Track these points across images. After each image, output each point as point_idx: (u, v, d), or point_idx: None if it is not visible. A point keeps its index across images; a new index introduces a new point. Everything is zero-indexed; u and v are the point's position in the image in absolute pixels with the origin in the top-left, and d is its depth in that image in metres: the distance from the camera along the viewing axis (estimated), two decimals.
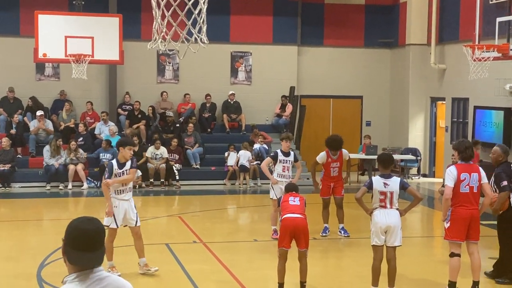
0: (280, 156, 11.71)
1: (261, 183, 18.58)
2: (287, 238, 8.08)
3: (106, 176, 9.17)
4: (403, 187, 8.27)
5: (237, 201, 17.41)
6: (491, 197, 8.62)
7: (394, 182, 8.21)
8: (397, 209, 8.23)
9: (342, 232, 12.12)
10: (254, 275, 9.50)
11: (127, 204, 9.27)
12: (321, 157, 12.05)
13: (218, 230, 13.13)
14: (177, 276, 9.38)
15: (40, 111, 18.86)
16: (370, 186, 8.21)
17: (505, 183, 8.86)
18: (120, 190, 9.18)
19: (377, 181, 8.21)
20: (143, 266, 9.39)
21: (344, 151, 12.20)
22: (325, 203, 12.15)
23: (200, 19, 7.33)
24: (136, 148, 9.38)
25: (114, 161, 9.28)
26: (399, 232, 8.23)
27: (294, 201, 8.31)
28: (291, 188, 8.69)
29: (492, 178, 9.04)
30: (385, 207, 8.19)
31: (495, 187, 8.97)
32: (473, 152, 8.60)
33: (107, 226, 9.03)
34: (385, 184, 8.17)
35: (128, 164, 9.23)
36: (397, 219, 8.20)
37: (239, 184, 18.65)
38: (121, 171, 9.18)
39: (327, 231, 12.12)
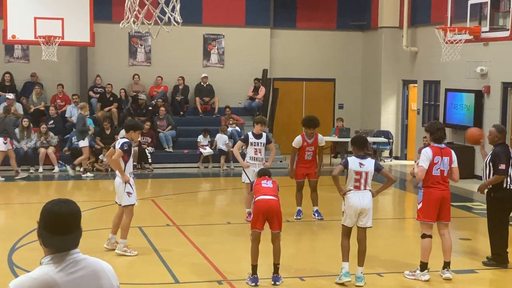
0: (251, 139, 11.60)
1: (234, 166, 18.57)
2: (260, 220, 8.08)
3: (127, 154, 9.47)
4: (377, 169, 8.33)
5: (210, 184, 17.37)
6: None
7: (369, 163, 8.26)
8: (369, 190, 8.29)
9: (316, 215, 12.14)
10: (228, 258, 9.51)
11: None
12: (297, 141, 11.94)
13: (191, 213, 13.11)
14: (150, 259, 9.36)
15: (10, 94, 18.58)
16: (346, 165, 8.22)
17: (503, 166, 8.91)
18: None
19: (353, 161, 8.24)
20: (114, 243, 9.65)
21: (320, 136, 12.14)
22: (299, 186, 12.08)
23: None
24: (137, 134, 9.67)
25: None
26: (371, 213, 8.31)
27: (267, 184, 8.32)
28: (263, 173, 8.71)
29: (489, 156, 9.12)
30: (359, 188, 8.22)
31: (491, 165, 9.05)
32: (445, 134, 8.67)
33: (133, 205, 9.55)
34: (360, 164, 8.21)
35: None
36: (370, 201, 8.27)
37: (221, 168, 18.56)
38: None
39: (300, 214, 12.13)
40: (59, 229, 3.11)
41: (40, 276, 3.06)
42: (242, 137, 11.87)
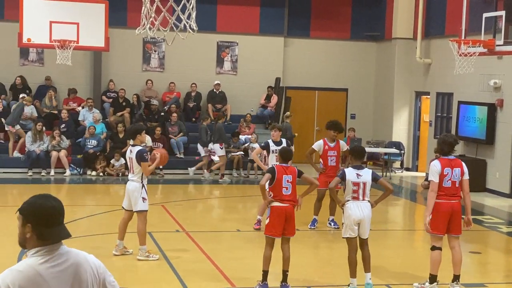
0: (272, 146, 11.51)
1: (244, 174, 18.57)
2: (277, 227, 8.10)
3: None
4: (375, 178, 8.30)
5: (220, 191, 17.38)
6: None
7: (366, 173, 8.27)
8: (368, 201, 8.29)
9: (332, 224, 12.07)
10: (237, 265, 9.51)
11: None
12: (318, 144, 11.91)
13: (201, 219, 13.12)
14: (159, 265, 9.37)
15: (23, 94, 18.72)
16: (343, 177, 8.25)
17: None
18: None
19: (350, 172, 8.25)
20: (123, 249, 9.77)
21: (342, 141, 12.14)
22: (320, 195, 11.91)
23: (190, 5, 7.29)
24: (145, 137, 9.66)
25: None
26: (369, 224, 8.30)
27: (287, 190, 8.17)
28: (285, 157, 8.45)
29: None
30: (357, 198, 8.21)
31: None
32: (451, 148, 8.52)
33: (146, 211, 9.78)
34: (357, 175, 8.22)
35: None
36: (369, 211, 8.28)
37: (238, 174, 18.67)
38: None
39: (315, 223, 12.03)
40: (49, 222, 3.20)
41: (25, 268, 3.17)
42: (262, 144, 11.81)
